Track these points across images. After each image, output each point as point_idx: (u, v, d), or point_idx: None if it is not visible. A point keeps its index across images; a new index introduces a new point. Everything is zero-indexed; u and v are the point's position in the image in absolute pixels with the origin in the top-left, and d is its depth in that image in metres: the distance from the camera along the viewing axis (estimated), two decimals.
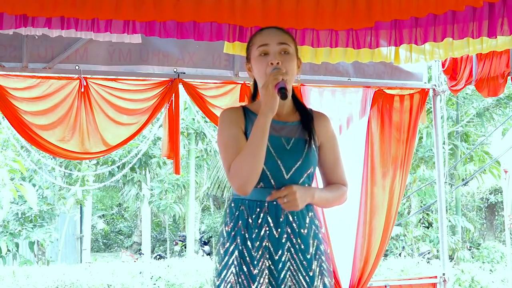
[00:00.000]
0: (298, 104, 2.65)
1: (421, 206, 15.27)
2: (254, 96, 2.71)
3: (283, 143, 2.56)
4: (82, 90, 4.52)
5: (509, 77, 4.80)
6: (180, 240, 18.57)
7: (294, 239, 2.55)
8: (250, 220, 2.54)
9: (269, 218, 2.53)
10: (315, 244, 2.61)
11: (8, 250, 11.60)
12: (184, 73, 4.75)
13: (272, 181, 2.53)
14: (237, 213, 2.57)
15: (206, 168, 17.40)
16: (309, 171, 2.60)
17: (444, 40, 3.71)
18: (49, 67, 4.49)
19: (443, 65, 5.21)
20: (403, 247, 14.55)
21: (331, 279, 2.66)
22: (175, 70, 4.74)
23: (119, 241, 21.95)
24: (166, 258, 16.18)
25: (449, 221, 13.50)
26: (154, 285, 10.13)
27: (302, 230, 2.57)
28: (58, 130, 4.52)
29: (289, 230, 2.55)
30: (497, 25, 3.47)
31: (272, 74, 2.45)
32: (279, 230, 2.53)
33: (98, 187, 16.33)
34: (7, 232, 11.73)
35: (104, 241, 21.99)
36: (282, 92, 2.41)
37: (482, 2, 3.27)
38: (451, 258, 13.29)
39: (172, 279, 10.25)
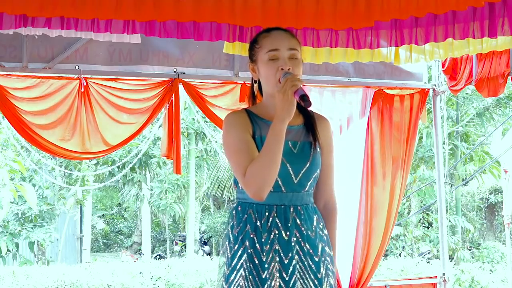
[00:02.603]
0: (301, 107, 2.63)
1: (421, 206, 15.27)
2: (253, 97, 2.70)
3: (290, 147, 2.56)
4: (82, 90, 4.52)
5: (509, 77, 4.80)
6: (180, 240, 18.58)
7: (302, 243, 2.56)
8: (259, 224, 2.54)
9: (278, 222, 2.54)
10: (321, 246, 2.61)
11: (8, 250, 11.61)
12: (184, 73, 4.75)
13: (282, 185, 2.54)
14: (245, 217, 2.56)
15: (206, 168, 17.40)
16: (316, 174, 2.62)
17: (445, 40, 3.71)
18: (49, 67, 4.49)
19: (443, 65, 5.21)
20: (403, 247, 14.55)
21: (335, 281, 2.67)
22: (175, 70, 4.74)
23: (119, 241, 21.95)
24: (166, 258, 16.18)
25: (449, 221, 13.51)
26: (154, 285, 10.13)
27: (310, 233, 2.58)
28: (58, 130, 4.51)
29: (297, 233, 2.56)
30: (497, 25, 3.47)
31: (289, 80, 2.43)
32: (288, 233, 2.54)
33: (98, 187, 16.33)
34: (7, 232, 11.74)
35: (104, 241, 21.99)
36: (305, 99, 2.40)
37: (483, 2, 3.27)
38: (451, 258, 13.29)
39: (172, 279, 10.25)
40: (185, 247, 16.56)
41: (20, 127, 4.44)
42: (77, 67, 4.55)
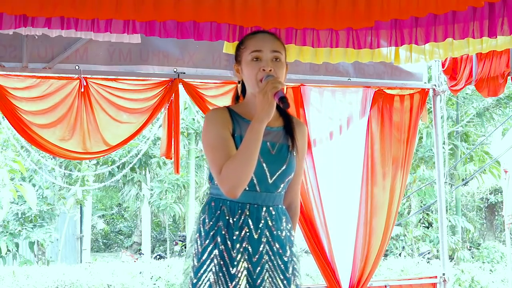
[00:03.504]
0: (281, 110, 2.69)
1: (421, 206, 15.27)
2: (237, 96, 2.77)
3: (269, 148, 2.62)
4: (82, 90, 4.51)
5: (509, 77, 4.79)
6: (180, 240, 18.58)
7: (272, 242, 2.62)
8: (231, 221, 2.59)
9: (249, 221, 2.60)
10: (289, 247, 2.67)
11: (8, 250, 11.62)
12: (184, 73, 4.74)
13: (256, 185, 2.59)
14: (217, 213, 2.61)
15: (206, 168, 17.40)
16: (290, 176, 2.67)
17: (445, 40, 3.71)
18: (49, 67, 4.49)
19: (443, 65, 5.21)
20: (403, 247, 14.56)
21: (300, 281, 2.73)
22: (175, 70, 4.74)
23: (119, 241, 21.95)
24: (166, 258, 16.18)
25: (449, 221, 13.51)
26: (154, 285, 10.14)
27: (279, 234, 2.64)
28: (58, 130, 4.51)
29: (267, 233, 2.61)
30: (497, 25, 3.47)
31: (270, 82, 2.49)
32: (258, 232, 2.60)
33: (98, 187, 16.33)
34: (7, 232, 11.75)
35: (104, 241, 21.99)
36: (284, 101, 2.46)
37: (483, 2, 3.27)
38: (451, 258, 13.30)
39: (172, 279, 10.25)
40: (185, 247, 16.56)
41: (20, 127, 4.43)
42: (77, 67, 4.54)
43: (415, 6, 3.38)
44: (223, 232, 2.57)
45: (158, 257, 17.21)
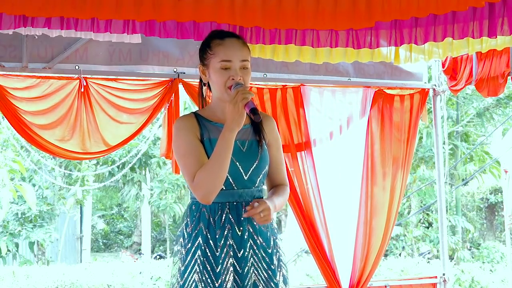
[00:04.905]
0: None
1: (421, 206, 15.28)
2: (202, 96, 2.87)
3: (239, 146, 2.70)
4: (82, 90, 4.51)
5: (509, 77, 4.79)
6: None
7: (255, 236, 2.69)
8: (212, 221, 2.66)
9: (231, 218, 2.67)
10: (273, 239, 2.74)
11: (8, 250, 11.62)
12: (184, 73, 4.74)
13: (233, 183, 2.68)
14: (198, 215, 2.69)
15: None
16: (265, 170, 2.77)
17: (444, 40, 3.71)
18: (49, 67, 4.48)
19: (443, 65, 5.20)
20: (403, 247, 14.56)
21: (287, 273, 2.79)
22: (175, 70, 4.73)
23: (119, 241, 21.94)
24: (166, 258, 16.17)
25: (449, 221, 13.51)
26: (154, 285, 10.14)
27: (262, 227, 2.71)
28: (58, 130, 4.50)
29: (250, 228, 2.69)
30: (497, 25, 3.46)
31: (240, 92, 2.57)
32: (241, 228, 2.67)
33: (98, 187, 16.34)
34: (7, 232, 11.75)
35: (104, 241, 21.99)
36: (256, 113, 2.56)
37: (484, 2, 3.27)
38: (451, 258, 13.30)
39: None
40: None
41: (20, 127, 4.43)
42: (77, 67, 4.54)
43: (415, 6, 3.38)
44: (205, 232, 2.65)
45: (158, 257, 17.21)
